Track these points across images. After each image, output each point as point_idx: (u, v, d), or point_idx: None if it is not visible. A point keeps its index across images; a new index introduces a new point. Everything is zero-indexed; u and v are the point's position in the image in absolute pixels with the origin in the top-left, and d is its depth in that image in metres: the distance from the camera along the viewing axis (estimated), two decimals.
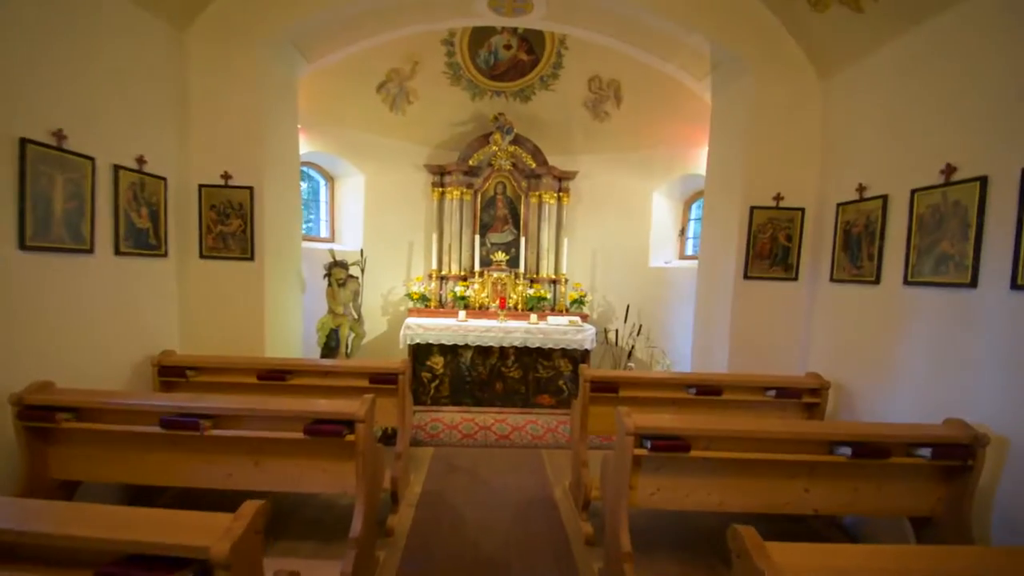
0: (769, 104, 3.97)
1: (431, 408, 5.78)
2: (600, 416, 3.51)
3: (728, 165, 4.25)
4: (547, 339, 5.75)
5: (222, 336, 3.93)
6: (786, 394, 3.50)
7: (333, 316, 4.69)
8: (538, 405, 5.90)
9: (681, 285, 5.76)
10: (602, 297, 6.63)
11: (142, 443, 2.55)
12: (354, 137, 5.87)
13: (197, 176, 3.89)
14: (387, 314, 6.44)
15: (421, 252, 6.62)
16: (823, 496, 2.58)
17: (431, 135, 6.42)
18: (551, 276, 6.51)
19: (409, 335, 5.66)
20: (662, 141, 5.91)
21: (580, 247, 6.69)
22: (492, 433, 5.16)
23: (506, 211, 6.60)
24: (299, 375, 3.49)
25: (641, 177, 6.20)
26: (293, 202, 4.48)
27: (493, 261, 6.39)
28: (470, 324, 5.76)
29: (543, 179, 6.40)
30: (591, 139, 6.39)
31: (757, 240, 3.99)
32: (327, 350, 4.74)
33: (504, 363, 5.88)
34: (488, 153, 6.41)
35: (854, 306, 3.52)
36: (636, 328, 6.15)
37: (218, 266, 3.94)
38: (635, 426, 2.35)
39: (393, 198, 6.33)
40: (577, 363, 5.87)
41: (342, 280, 4.64)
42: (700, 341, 4.55)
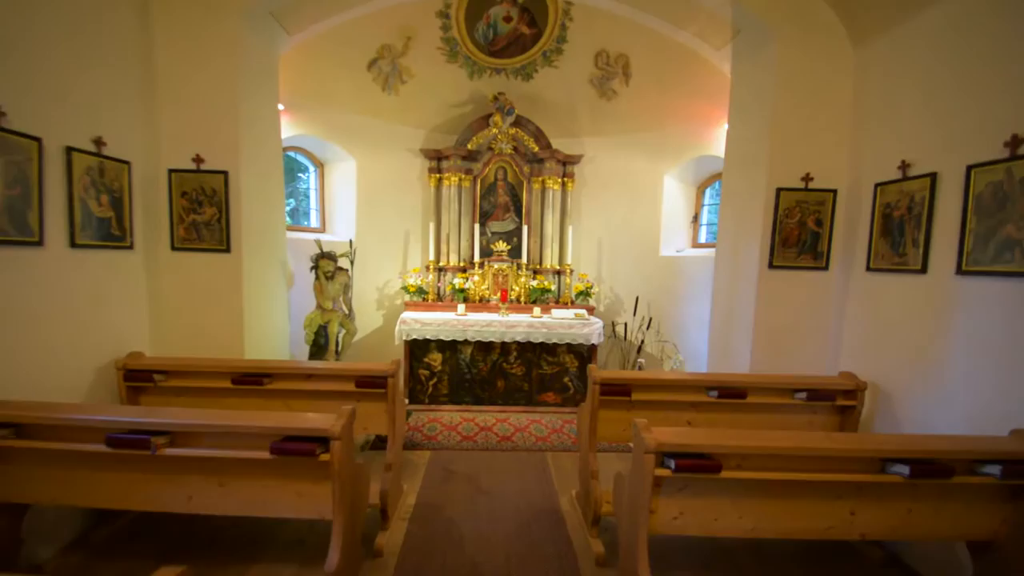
0: (797, 74, 3.58)
1: (429, 407, 5.47)
2: (611, 421, 3.18)
3: (750, 143, 3.86)
4: (551, 334, 5.41)
5: (197, 335, 3.61)
6: (818, 396, 3.15)
7: (321, 312, 4.36)
8: (542, 403, 5.58)
9: (694, 276, 5.39)
10: (609, 289, 6.27)
11: (91, 463, 2.24)
12: (344, 119, 5.50)
13: (166, 160, 3.55)
14: (382, 308, 6.11)
15: (418, 242, 6.27)
16: (872, 519, 2.24)
17: (427, 117, 6.03)
18: (555, 267, 6.15)
19: (405, 330, 5.33)
20: (674, 121, 5.50)
21: (586, 236, 6.33)
22: (493, 434, 4.84)
23: (507, 198, 6.22)
24: (278, 378, 3.16)
25: (651, 160, 5.80)
26: (275, 189, 4.13)
27: (494, 251, 6.03)
28: (470, 318, 5.43)
29: (546, 163, 6.02)
30: (597, 120, 5.98)
31: (784, 225, 3.62)
32: (316, 348, 4.42)
33: (506, 359, 5.55)
34: (488, 136, 6.03)
35: (895, 298, 3.15)
36: (646, 322, 5.80)
37: (191, 259, 3.61)
38: (656, 443, 2.01)
39: (387, 185, 5.97)
40: (583, 359, 5.55)
41: (330, 273, 4.30)
42: (718, 337, 4.19)
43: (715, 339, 4.23)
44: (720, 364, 4.11)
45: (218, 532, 2.95)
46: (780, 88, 3.60)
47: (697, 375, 3.31)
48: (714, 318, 4.25)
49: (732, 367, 3.87)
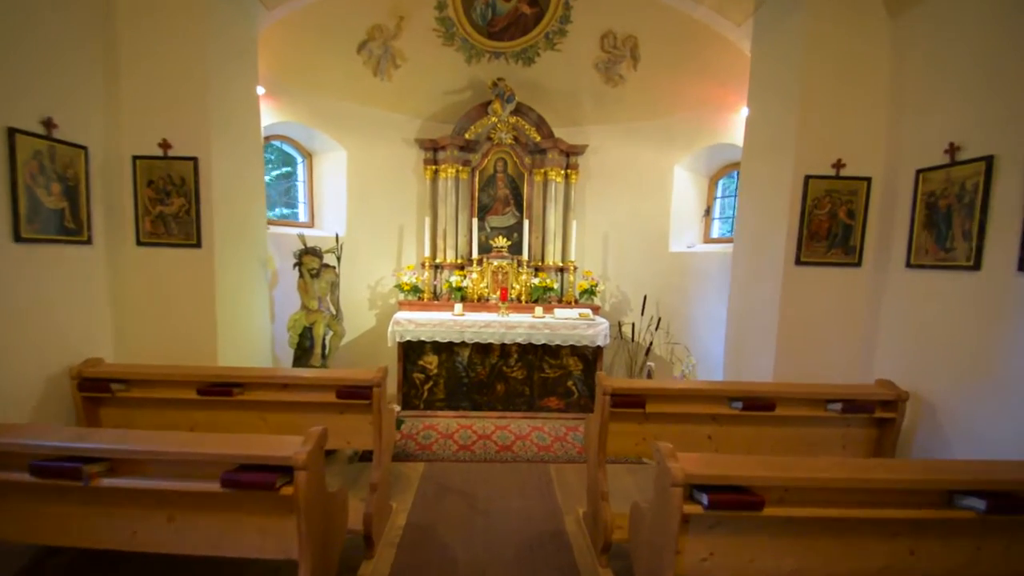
0: (827, 49, 3.23)
1: (424, 413, 5.14)
2: (622, 435, 2.85)
3: (774, 127, 3.51)
4: (554, 335, 5.08)
5: (167, 340, 3.29)
6: (854, 408, 2.81)
7: (306, 312, 4.03)
8: (544, 408, 5.25)
9: (707, 273, 5.05)
10: (615, 287, 5.93)
11: (20, 493, 1.91)
12: (333, 106, 5.15)
13: (130, 145, 3.21)
14: (375, 308, 5.78)
15: (412, 238, 5.93)
16: (934, 558, 1.91)
17: (422, 105, 5.68)
18: (558, 263, 5.81)
19: (398, 331, 5.01)
20: (685, 107, 5.15)
21: (590, 230, 5.98)
22: (492, 443, 4.51)
23: (507, 191, 5.89)
24: (251, 388, 2.83)
25: (660, 149, 5.45)
26: (253, 178, 3.79)
27: (493, 247, 5.70)
28: (467, 318, 5.10)
29: (548, 154, 5.68)
30: (603, 107, 5.63)
31: (812, 217, 3.27)
32: (301, 351, 4.09)
33: (506, 362, 5.22)
34: (487, 125, 5.69)
35: (941, 297, 2.81)
36: (654, 322, 5.46)
37: (159, 255, 3.27)
38: (685, 474, 1.67)
39: (380, 177, 5.63)
40: (588, 361, 5.22)
41: (315, 270, 3.96)
42: (735, 340, 3.85)
43: (732, 342, 3.89)
44: (737, 369, 3.77)
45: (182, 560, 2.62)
46: (808, 65, 3.25)
47: (719, 384, 2.97)
48: (731, 319, 3.91)
49: (751, 373, 3.53)
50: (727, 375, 3.90)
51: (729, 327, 3.91)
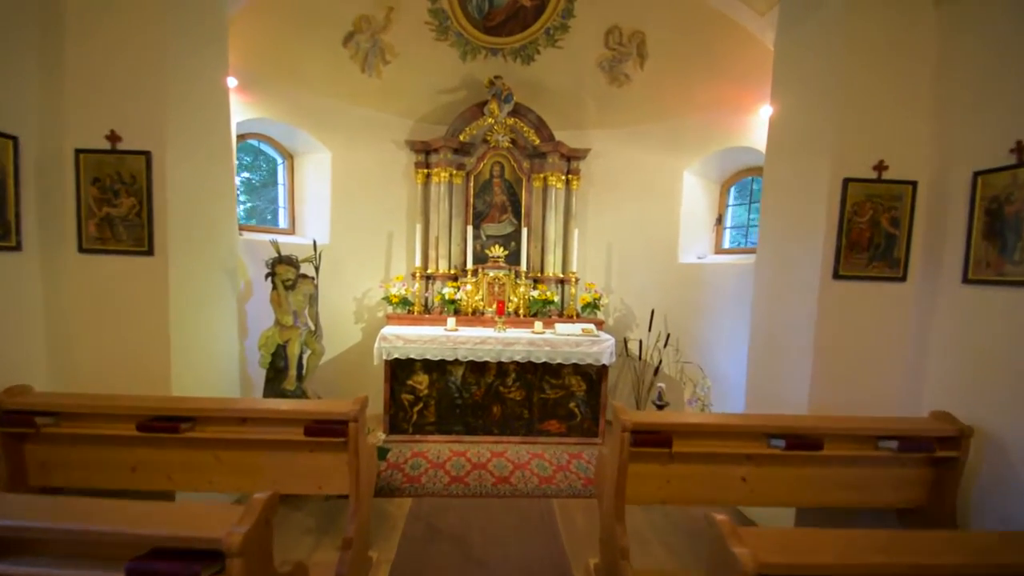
0: (865, 38, 2.88)
1: (413, 438, 4.69)
2: (643, 478, 2.43)
3: (804, 126, 3.15)
4: (555, 352, 4.67)
5: (110, 363, 2.83)
6: (912, 446, 2.42)
7: (280, 328, 3.58)
8: (544, 433, 4.82)
9: (720, 286, 4.67)
10: (620, 300, 5.54)
11: None
12: (316, 103, 4.75)
13: (73, 137, 2.78)
14: (361, 321, 5.33)
15: (402, 246, 5.52)
16: None
17: (413, 104, 5.30)
18: (558, 275, 5.42)
19: (386, 348, 4.57)
20: (696, 108, 4.81)
21: (593, 240, 5.61)
22: (489, 474, 4.07)
23: (504, 197, 5.50)
24: (203, 423, 2.38)
25: (669, 154, 5.10)
26: (221, 179, 3.36)
27: (489, 257, 5.29)
28: (461, 334, 4.67)
29: (548, 158, 5.32)
30: (607, 108, 5.28)
31: (852, 225, 2.90)
32: (274, 373, 3.64)
33: (503, 382, 4.79)
34: (483, 127, 5.32)
35: (1008, 317, 2.43)
36: (662, 338, 5.06)
37: (105, 263, 2.83)
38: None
39: (367, 181, 5.22)
40: (592, 381, 4.80)
41: (290, 281, 3.53)
42: (761, 362, 3.45)
43: (757, 365, 3.49)
44: (763, 396, 3.37)
45: None
46: (844, 56, 2.89)
47: (756, 419, 2.56)
48: (755, 339, 3.52)
49: (781, 401, 3.13)
50: (751, 402, 3.50)
51: (753, 348, 3.51)
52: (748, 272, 4.34)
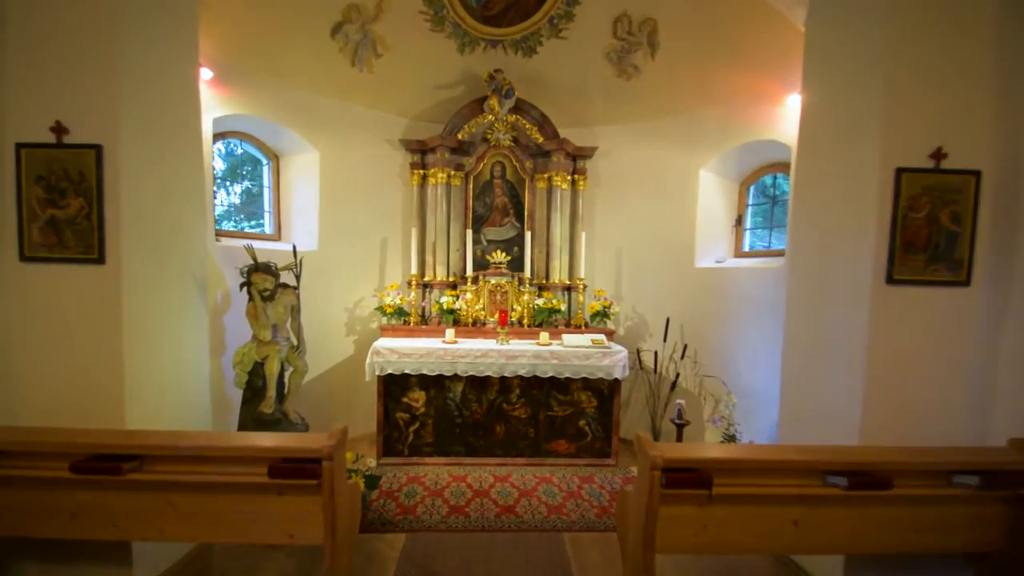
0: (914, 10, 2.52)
1: (409, 461, 4.30)
2: (675, 523, 2.04)
3: (846, 112, 2.78)
4: (563, 366, 4.29)
5: (54, 388, 2.46)
6: (996, 482, 2.03)
7: (257, 344, 3.21)
8: (552, 453, 4.42)
9: (741, 292, 4.29)
10: (631, 308, 5.17)
11: None
12: (302, 100, 4.41)
13: (13, 129, 2.43)
14: (353, 333, 4.96)
15: (397, 252, 5.16)
16: None
17: (408, 101, 4.97)
18: (564, 281, 5.05)
19: (379, 363, 4.19)
20: (712, 101, 4.46)
21: (601, 244, 5.25)
22: (491, 503, 3.67)
23: (506, 199, 5.15)
24: (152, 461, 2.01)
25: (683, 151, 4.74)
26: (189, 178, 3.01)
27: (490, 263, 4.93)
28: (460, 347, 4.30)
29: (553, 157, 4.97)
30: (615, 103, 4.94)
31: (908, 222, 2.52)
32: (251, 393, 3.27)
33: (506, 398, 4.40)
34: (482, 124, 4.98)
35: None
36: (679, 349, 4.68)
37: (48, 272, 2.47)
38: None
39: (359, 183, 4.88)
40: (603, 397, 4.41)
41: (268, 292, 3.17)
42: (797, 380, 3.06)
43: (792, 382, 3.10)
44: (802, 418, 2.97)
45: None
46: (893, 29, 2.54)
47: (810, 451, 2.16)
48: (789, 353, 3.13)
49: (824, 423, 2.74)
50: (786, 423, 3.11)
51: (787, 362, 3.13)
52: (773, 277, 3.97)
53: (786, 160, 4.00)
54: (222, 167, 4.42)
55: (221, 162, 4.38)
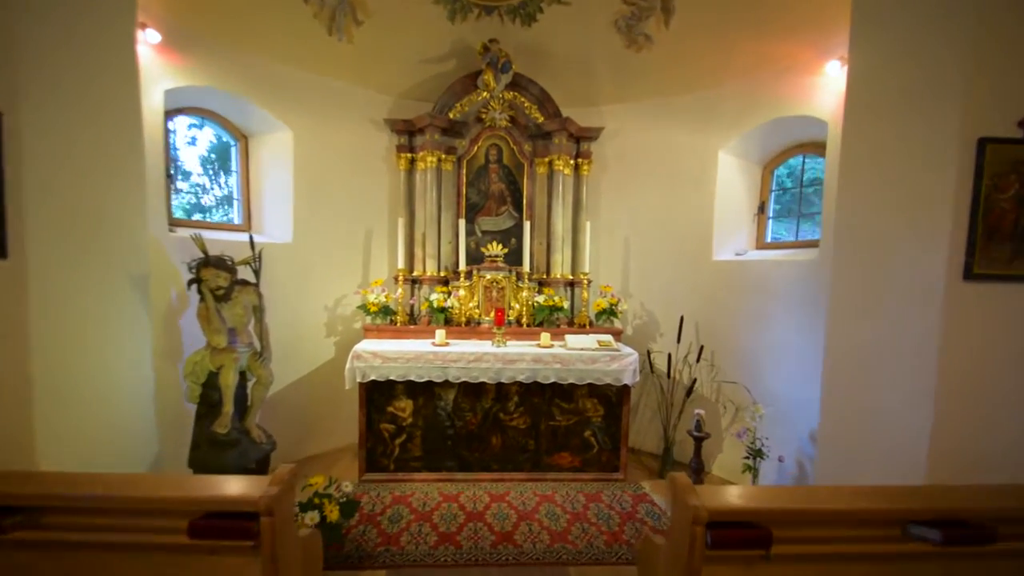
0: None
1: (395, 477, 3.86)
2: None
3: (911, 74, 2.32)
4: (567, 370, 3.85)
5: None
6: None
7: (211, 352, 2.75)
8: (555, 467, 3.99)
9: (766, 287, 3.85)
10: (640, 305, 4.72)
11: None
12: (273, 72, 3.92)
13: None
14: (334, 334, 4.50)
15: (383, 245, 4.70)
16: None
17: (393, 76, 4.48)
18: (567, 276, 4.60)
19: (360, 368, 3.74)
20: (734, 72, 3.98)
21: (607, 235, 4.79)
22: (487, 528, 3.24)
23: (503, 185, 4.68)
24: (38, 514, 1.55)
25: (699, 131, 4.27)
26: (124, 158, 2.53)
27: (485, 256, 4.47)
28: (452, 350, 3.84)
29: (554, 139, 4.49)
30: (624, 78, 4.46)
31: (991, 205, 2.07)
32: (206, 409, 2.81)
33: (503, 407, 3.96)
34: (476, 103, 4.50)
35: None
36: (693, 350, 4.23)
37: None
38: None
39: (339, 167, 4.39)
40: (611, 404, 3.98)
41: (222, 290, 2.70)
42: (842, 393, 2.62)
43: (836, 396, 2.66)
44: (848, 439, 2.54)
45: None
46: None
47: (886, 494, 1.71)
48: (832, 362, 2.68)
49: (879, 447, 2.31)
50: (826, 443, 2.68)
51: (829, 376, 2.68)
52: (803, 271, 3.52)
53: (820, 139, 3.53)
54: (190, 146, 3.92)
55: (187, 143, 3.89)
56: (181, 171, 3.88)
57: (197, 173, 4.05)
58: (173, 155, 3.69)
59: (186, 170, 3.95)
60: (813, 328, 3.36)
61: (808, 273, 3.50)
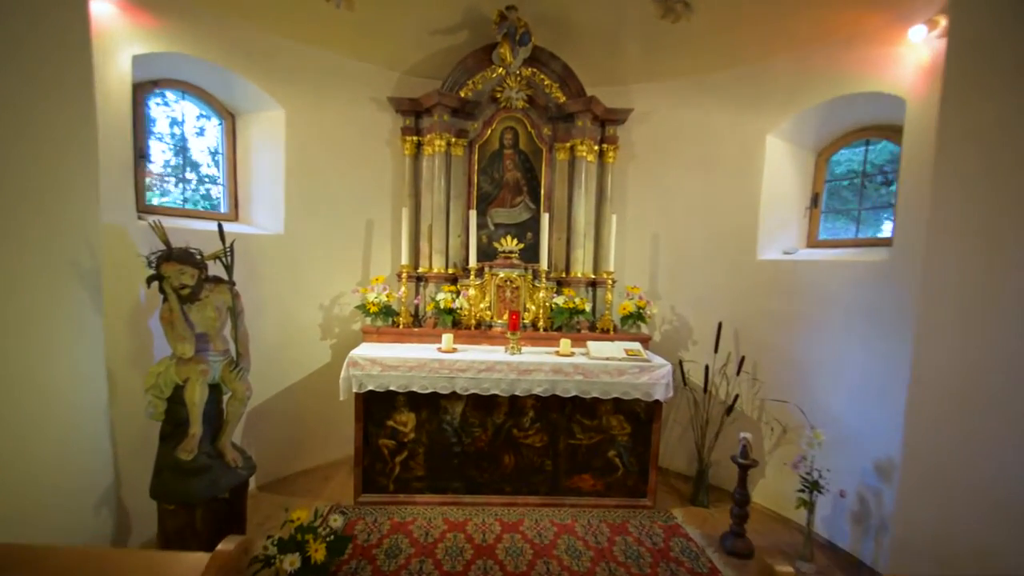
0: None
1: (395, 499, 3.44)
2: None
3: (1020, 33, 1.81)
4: (590, 383, 3.39)
5: None
6: None
7: (177, 363, 2.32)
8: (574, 491, 3.55)
9: (819, 292, 3.35)
10: (670, 309, 4.23)
11: None
12: (263, 42, 3.47)
13: None
14: (331, 337, 4.07)
15: (386, 238, 4.26)
16: None
17: (399, 49, 4.02)
18: (589, 275, 4.13)
19: (357, 377, 3.32)
20: (787, 43, 3.46)
21: (634, 229, 4.32)
22: (498, 568, 2.81)
23: (519, 174, 4.21)
24: None
25: (744, 112, 3.76)
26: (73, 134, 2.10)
27: (499, 252, 4.02)
28: (460, 357, 3.40)
29: (578, 121, 4.01)
30: (658, 52, 3.96)
31: None
32: (172, 427, 2.39)
33: (517, 422, 3.52)
34: (490, 80, 4.04)
35: None
36: (733, 360, 3.75)
37: None
38: None
39: (337, 150, 3.95)
40: (639, 421, 3.52)
41: (188, 289, 2.26)
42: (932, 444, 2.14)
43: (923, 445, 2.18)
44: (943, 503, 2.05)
45: None
46: None
47: None
48: (919, 399, 2.20)
49: (977, 492, 1.82)
50: (909, 484, 2.19)
51: (915, 396, 2.20)
52: (869, 273, 3.02)
53: (894, 120, 3.02)
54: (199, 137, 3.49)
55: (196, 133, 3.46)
56: (190, 161, 3.47)
57: (206, 164, 3.64)
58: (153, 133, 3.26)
59: (195, 160, 3.55)
60: (882, 340, 2.88)
61: (875, 276, 3.00)
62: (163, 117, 3.41)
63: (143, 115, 3.15)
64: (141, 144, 3.13)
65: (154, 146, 3.33)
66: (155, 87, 3.25)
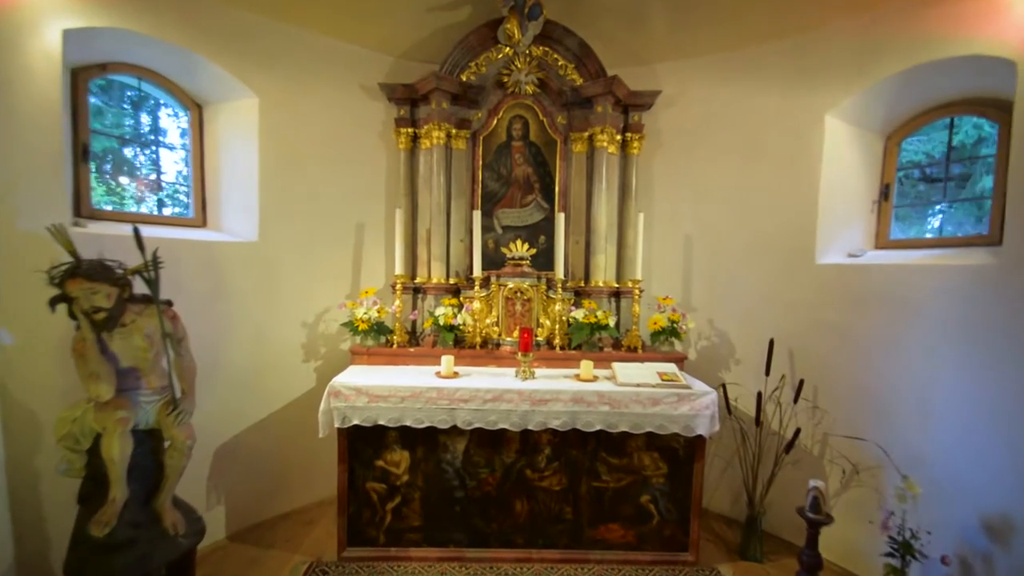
0: None
1: (386, 553, 2.90)
2: None
3: None
4: (617, 414, 2.82)
5: None
6: None
7: (96, 409, 1.81)
8: (600, 544, 2.97)
9: (897, 304, 2.74)
10: (706, 322, 3.65)
11: None
12: (232, 18, 2.98)
13: None
14: (315, 358, 3.55)
15: (378, 244, 3.75)
16: None
17: (392, 28, 3.52)
18: (612, 285, 3.57)
19: (340, 409, 2.78)
20: (847, 6, 2.88)
21: (663, 231, 3.75)
22: None
23: (529, 169, 3.69)
24: None
25: (795, 89, 3.17)
26: None
27: (508, 258, 3.48)
28: (463, 384, 2.85)
29: (597, 106, 3.48)
30: (688, 25, 3.41)
31: None
32: (92, 486, 1.87)
33: (531, 461, 2.95)
34: (496, 61, 3.53)
35: None
36: (787, 384, 3.14)
37: None
38: None
39: (321, 144, 3.45)
40: (677, 460, 2.93)
41: (103, 313, 1.75)
42: None
43: None
44: None
45: None
46: None
47: None
48: None
49: None
50: None
51: None
52: (966, 279, 2.42)
53: (994, 90, 2.44)
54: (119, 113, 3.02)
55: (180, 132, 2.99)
56: (151, 159, 2.99)
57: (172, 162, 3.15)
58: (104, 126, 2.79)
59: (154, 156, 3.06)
60: (989, 364, 2.29)
61: (977, 283, 2.40)
62: (116, 107, 2.94)
63: (85, 103, 2.67)
64: (84, 138, 2.65)
65: (103, 141, 2.86)
66: (103, 71, 2.78)
